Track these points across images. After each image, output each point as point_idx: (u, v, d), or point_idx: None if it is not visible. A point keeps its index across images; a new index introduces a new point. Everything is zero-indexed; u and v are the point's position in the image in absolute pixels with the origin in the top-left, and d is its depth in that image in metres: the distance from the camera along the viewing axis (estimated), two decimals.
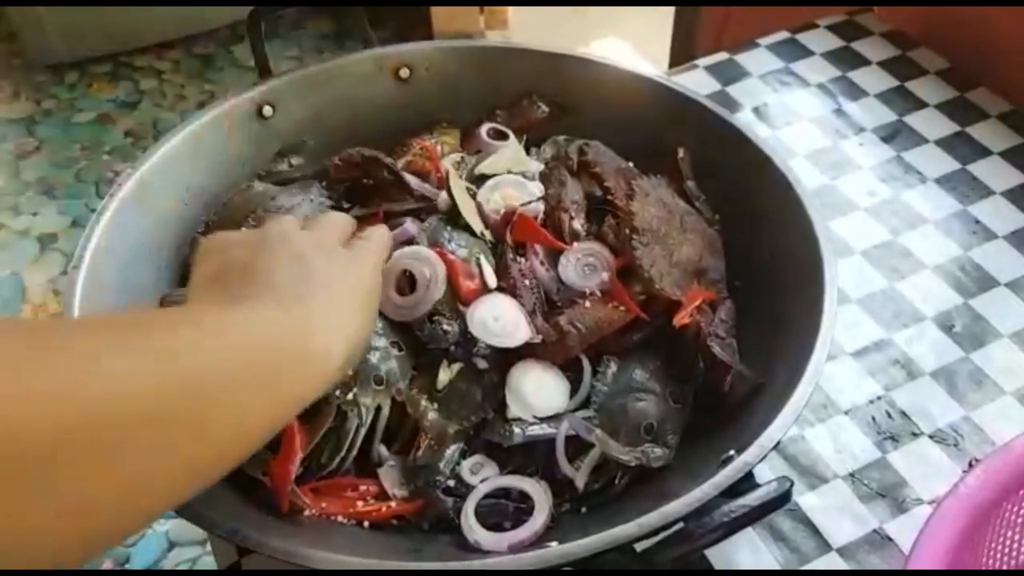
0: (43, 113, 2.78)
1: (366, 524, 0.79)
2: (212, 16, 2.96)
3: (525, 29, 2.98)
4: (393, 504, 0.79)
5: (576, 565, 0.65)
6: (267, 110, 1.01)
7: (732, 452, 0.71)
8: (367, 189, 0.98)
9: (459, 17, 2.84)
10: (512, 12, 2.95)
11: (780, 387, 0.77)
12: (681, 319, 0.82)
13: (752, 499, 0.61)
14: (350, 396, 0.80)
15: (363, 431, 0.80)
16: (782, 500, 0.62)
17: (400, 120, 1.06)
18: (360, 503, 0.79)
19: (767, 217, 0.91)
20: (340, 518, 0.78)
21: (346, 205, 0.98)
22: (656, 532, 0.65)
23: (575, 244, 0.89)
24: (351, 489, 0.80)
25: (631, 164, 0.98)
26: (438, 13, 2.80)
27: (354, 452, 0.80)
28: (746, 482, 0.68)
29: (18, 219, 2.46)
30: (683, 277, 0.86)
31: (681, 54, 1.81)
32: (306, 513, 0.78)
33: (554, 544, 0.67)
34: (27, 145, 2.67)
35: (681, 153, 0.96)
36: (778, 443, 0.70)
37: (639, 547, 0.65)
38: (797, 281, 0.84)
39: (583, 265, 0.88)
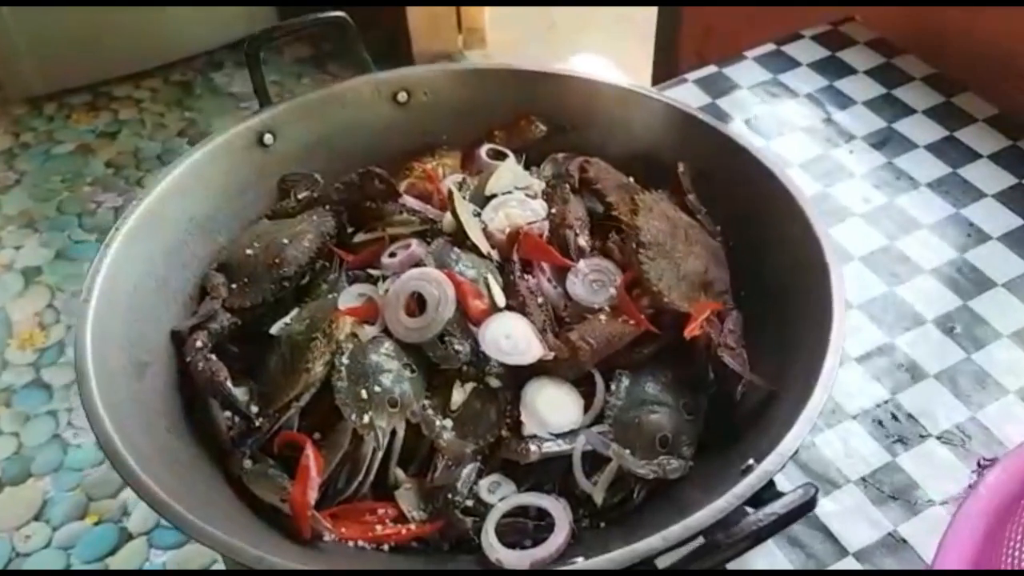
0: (22, 146, 2.75)
1: (386, 547, 0.79)
2: (189, 43, 2.96)
3: (503, 48, 2.99)
4: (413, 526, 0.79)
5: None
6: (268, 138, 1.01)
7: (751, 461, 0.71)
8: (369, 213, 0.99)
9: (438, 38, 2.85)
10: (490, 31, 2.96)
11: (795, 395, 0.78)
12: (692, 331, 0.83)
13: (778, 507, 0.62)
14: (366, 419, 0.80)
15: (380, 454, 0.80)
16: (808, 507, 0.63)
17: (400, 143, 1.06)
18: (379, 527, 0.79)
19: (769, 227, 0.92)
20: (360, 542, 0.78)
21: (349, 229, 0.99)
22: (680, 544, 0.66)
23: (582, 261, 0.90)
24: (369, 513, 0.80)
25: (632, 179, 0.99)
26: (417, 35, 2.81)
27: (371, 476, 0.80)
28: (767, 491, 0.69)
29: (1, 253, 2.44)
30: (691, 289, 0.87)
31: (663, 68, 1.83)
32: (326, 538, 0.78)
33: (580, 560, 0.67)
34: (7, 179, 2.65)
35: (682, 167, 0.98)
36: (796, 451, 0.71)
37: (665, 561, 0.66)
38: (804, 289, 0.85)
39: (591, 281, 0.89)
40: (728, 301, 0.90)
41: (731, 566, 0.80)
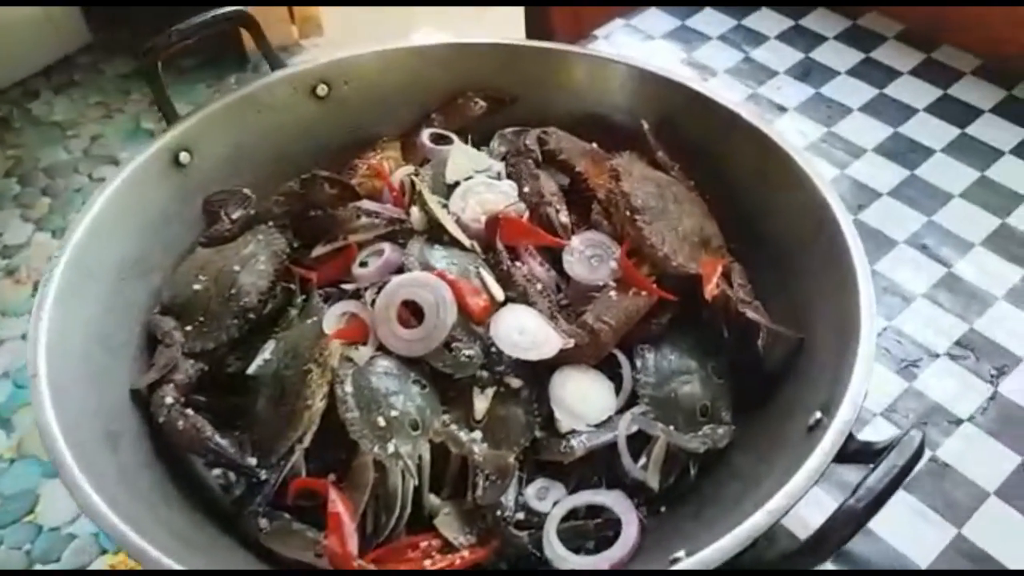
0: None
1: None
2: None
3: (342, 32, 2.85)
4: (465, 553, 0.72)
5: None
6: (184, 156, 0.90)
7: (818, 415, 0.68)
8: (319, 223, 0.89)
9: (270, 32, 2.67)
10: (325, 18, 2.82)
11: (829, 338, 0.75)
12: (712, 292, 0.78)
13: (896, 459, 0.58)
14: (391, 448, 0.72)
15: (413, 483, 0.72)
16: (920, 453, 0.60)
17: (331, 142, 0.97)
18: (427, 561, 0.72)
19: (746, 170, 0.89)
20: None
21: (297, 244, 0.89)
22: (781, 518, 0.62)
23: (575, 237, 0.84)
24: (412, 549, 0.72)
25: (595, 145, 0.94)
26: (246, 33, 2.63)
27: (408, 509, 0.72)
28: (850, 443, 0.66)
29: None
30: (693, 249, 0.83)
31: (538, 32, 1.77)
32: None
33: (682, 554, 0.62)
34: None
35: (646, 125, 0.93)
36: (866, 395, 0.68)
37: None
38: (801, 227, 0.83)
39: (589, 257, 0.83)
40: (726, 255, 0.86)
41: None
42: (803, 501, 0.64)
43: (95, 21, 2.79)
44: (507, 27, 1.93)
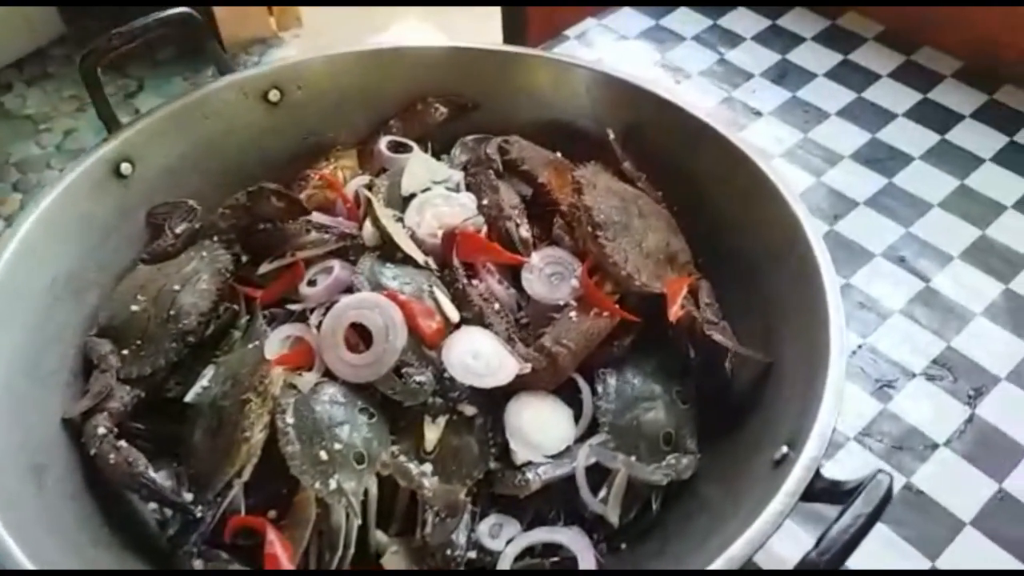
0: None
1: None
2: None
3: (321, 25, 2.80)
4: None
5: None
6: (125, 167, 0.85)
7: (785, 449, 0.64)
8: (267, 238, 0.85)
9: (248, 23, 2.63)
10: (305, 9, 2.76)
11: (797, 365, 0.72)
12: (676, 314, 0.74)
13: (862, 506, 0.55)
14: (332, 485, 0.67)
15: (357, 522, 0.68)
16: (887, 499, 0.56)
17: (283, 150, 0.92)
18: None
19: (715, 183, 0.85)
20: None
21: (244, 260, 0.85)
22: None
23: (534, 254, 0.80)
24: None
25: (559, 154, 0.90)
26: (225, 24, 2.57)
27: (351, 549, 0.68)
28: (818, 481, 0.62)
29: None
30: (658, 267, 0.79)
31: (515, 31, 1.72)
32: None
33: None
34: None
35: (612, 134, 0.88)
36: (834, 430, 0.64)
37: None
38: (772, 243, 0.79)
39: (548, 275, 0.79)
40: (693, 271, 0.82)
41: (759, 558, 0.74)
42: (776, 536, 0.60)
43: (68, 13, 2.73)
44: (490, 20, 1.89)
